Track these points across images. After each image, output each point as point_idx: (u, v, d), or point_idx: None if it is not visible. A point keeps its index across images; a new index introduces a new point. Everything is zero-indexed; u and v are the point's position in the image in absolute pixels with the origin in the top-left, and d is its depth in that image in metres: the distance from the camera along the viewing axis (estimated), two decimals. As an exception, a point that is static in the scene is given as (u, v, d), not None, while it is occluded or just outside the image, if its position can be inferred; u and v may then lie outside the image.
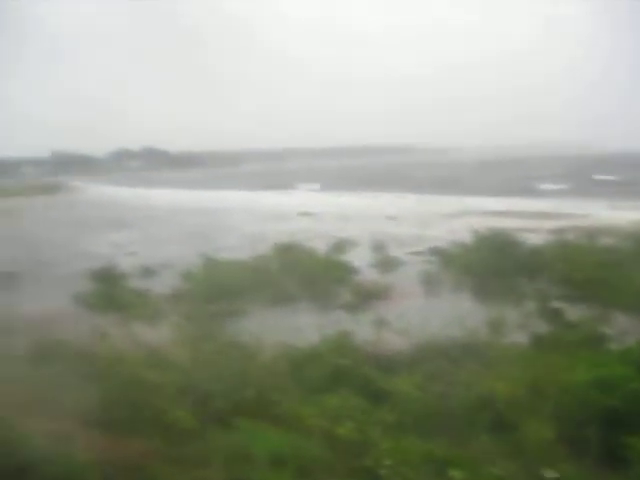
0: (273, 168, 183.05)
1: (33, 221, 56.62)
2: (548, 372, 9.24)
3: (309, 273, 22.67)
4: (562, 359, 10.20)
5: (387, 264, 25.40)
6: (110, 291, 21.70)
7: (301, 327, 16.53)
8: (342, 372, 10.04)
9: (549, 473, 6.97)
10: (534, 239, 26.72)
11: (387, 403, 8.73)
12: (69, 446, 6.59)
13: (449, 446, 7.29)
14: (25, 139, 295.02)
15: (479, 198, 60.72)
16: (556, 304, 17.15)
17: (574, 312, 16.26)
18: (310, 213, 51.49)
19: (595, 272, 19.63)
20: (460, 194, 65.08)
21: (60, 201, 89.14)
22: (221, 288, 20.88)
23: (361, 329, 15.81)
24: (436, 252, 27.30)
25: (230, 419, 7.67)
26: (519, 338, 13.72)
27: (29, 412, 7.05)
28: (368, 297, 20.11)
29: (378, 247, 28.56)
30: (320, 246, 27.30)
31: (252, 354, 9.67)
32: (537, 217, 44.48)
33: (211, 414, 7.77)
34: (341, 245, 28.00)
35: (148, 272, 25.55)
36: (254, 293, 20.95)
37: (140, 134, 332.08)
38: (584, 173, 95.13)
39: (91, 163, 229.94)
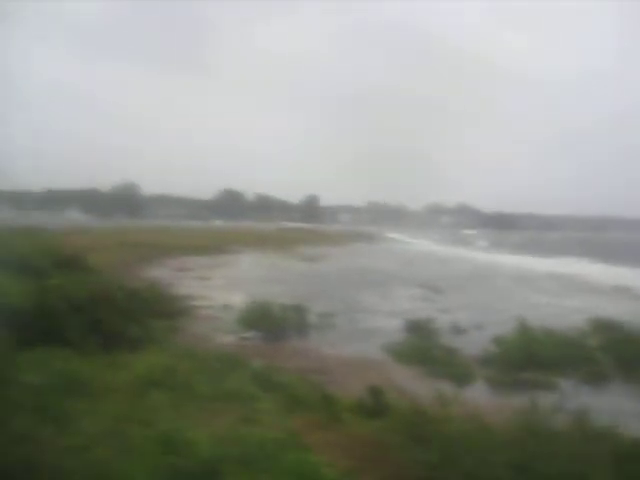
0: (590, 237, 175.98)
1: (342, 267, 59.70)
2: None
3: (628, 353, 21.25)
4: None
5: None
6: (421, 344, 22.07)
7: (616, 410, 15.48)
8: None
9: None
10: None
11: None
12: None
13: None
14: (344, 189, 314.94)
15: None
16: None
17: None
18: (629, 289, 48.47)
19: None
20: None
21: (375, 250, 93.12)
22: (532, 357, 20.29)
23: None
24: None
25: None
26: None
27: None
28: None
29: None
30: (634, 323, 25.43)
31: (583, 437, 9.09)
32: None
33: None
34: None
35: (458, 331, 25.58)
36: (567, 367, 20.09)
37: (453, 191, 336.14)
38: None
39: (404, 215, 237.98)
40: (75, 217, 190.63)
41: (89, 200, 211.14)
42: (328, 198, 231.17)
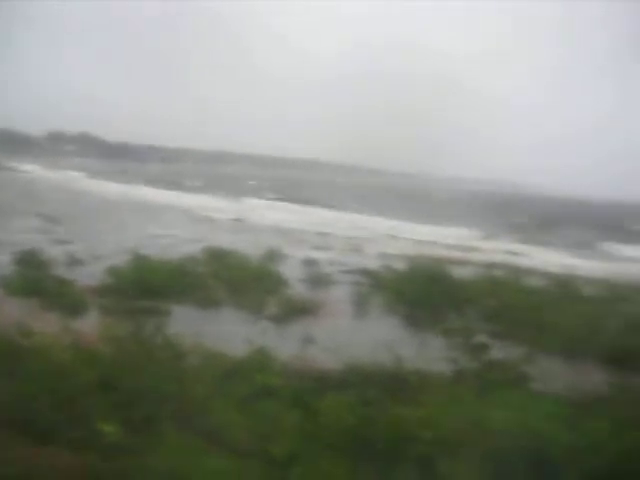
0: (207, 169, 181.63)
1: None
2: (471, 410, 9.28)
3: (238, 280, 22.52)
4: (488, 397, 10.24)
5: (317, 280, 25.42)
6: (32, 277, 21.08)
7: (226, 334, 16.32)
8: (270, 387, 9.91)
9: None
10: (463, 271, 26.95)
11: (317, 423, 8.63)
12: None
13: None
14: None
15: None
16: (483, 340, 17.35)
17: (501, 350, 16.45)
18: (240, 219, 51.68)
19: (522, 311, 20.07)
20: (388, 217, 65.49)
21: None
22: (147, 286, 20.52)
23: (287, 343, 15.76)
24: (367, 274, 27.40)
25: (158, 427, 7.45)
26: (445, 371, 13.72)
27: None
28: (296, 311, 19.97)
29: (309, 262, 28.51)
30: (250, 253, 27.17)
31: (178, 357, 9.42)
32: (465, 249, 44.95)
33: (139, 421, 7.50)
34: (273, 255, 27.89)
35: (75, 262, 24.95)
36: (180, 295, 20.65)
37: (76, 118, 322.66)
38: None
39: (25, 143, 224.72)
40: None
41: None
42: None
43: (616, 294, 25.00)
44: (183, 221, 47.50)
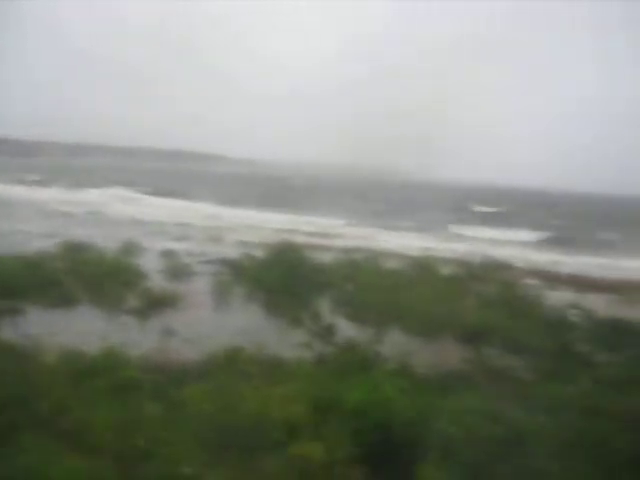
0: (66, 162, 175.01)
1: None
2: (328, 392, 9.54)
3: (96, 274, 21.86)
4: (342, 379, 10.54)
5: (177, 271, 25.11)
6: None
7: (84, 331, 15.92)
8: (130, 382, 9.77)
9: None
10: (322, 257, 27.29)
11: (176, 415, 8.60)
12: None
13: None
14: None
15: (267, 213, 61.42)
16: (338, 324, 17.74)
17: (358, 332, 16.88)
18: (95, 212, 50.40)
19: (380, 293, 20.56)
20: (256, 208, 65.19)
21: None
22: (-2, 284, 19.54)
23: (148, 337, 15.60)
24: (227, 263, 27.30)
25: (10, 434, 7.18)
26: (303, 355, 13.98)
27: None
28: (156, 304, 19.64)
29: (168, 254, 28.09)
30: (106, 246, 26.56)
31: (30, 359, 9.12)
32: (325, 236, 45.42)
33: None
34: (130, 248, 27.27)
35: None
36: (35, 292, 19.77)
37: None
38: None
39: None
40: None
41: None
42: None
43: (468, 273, 26.09)
44: (35, 216, 45.65)
